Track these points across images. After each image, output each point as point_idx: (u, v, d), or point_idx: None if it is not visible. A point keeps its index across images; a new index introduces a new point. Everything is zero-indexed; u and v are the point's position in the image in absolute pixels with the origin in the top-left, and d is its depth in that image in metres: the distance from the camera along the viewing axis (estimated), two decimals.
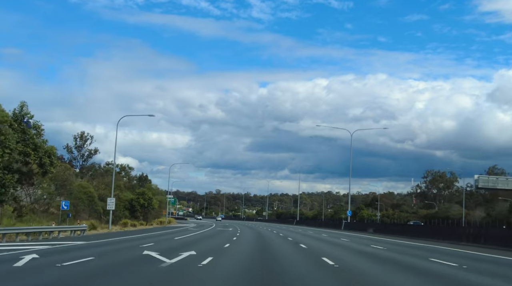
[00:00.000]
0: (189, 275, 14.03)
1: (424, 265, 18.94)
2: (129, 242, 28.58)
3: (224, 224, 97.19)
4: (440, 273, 16.14)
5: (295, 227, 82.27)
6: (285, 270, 15.39)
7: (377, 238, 45.15)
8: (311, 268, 16.39)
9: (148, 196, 63.22)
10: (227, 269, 15.44)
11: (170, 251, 21.52)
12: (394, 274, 15.60)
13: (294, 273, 14.80)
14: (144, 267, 15.06)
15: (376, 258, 21.83)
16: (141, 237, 34.95)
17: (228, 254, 21.43)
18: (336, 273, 15.17)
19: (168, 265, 15.95)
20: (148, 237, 35.86)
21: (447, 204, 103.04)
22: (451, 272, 16.45)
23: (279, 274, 14.61)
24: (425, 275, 15.47)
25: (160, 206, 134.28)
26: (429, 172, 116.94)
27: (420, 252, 26.95)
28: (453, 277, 15.26)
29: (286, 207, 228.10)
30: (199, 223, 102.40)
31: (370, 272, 15.71)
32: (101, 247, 24.25)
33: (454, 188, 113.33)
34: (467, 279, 14.90)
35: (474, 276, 15.71)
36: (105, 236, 35.52)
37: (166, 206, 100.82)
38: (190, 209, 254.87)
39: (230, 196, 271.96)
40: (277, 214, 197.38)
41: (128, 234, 39.91)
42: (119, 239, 32.01)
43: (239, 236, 41.40)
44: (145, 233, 43.34)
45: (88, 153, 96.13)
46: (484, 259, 23.41)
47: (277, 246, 28.56)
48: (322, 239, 40.71)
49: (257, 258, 19.64)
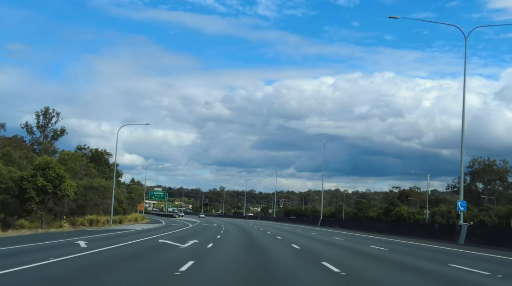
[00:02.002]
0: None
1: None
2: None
3: (208, 221, 73.83)
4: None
5: (337, 233, 46.65)
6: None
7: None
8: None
9: (53, 174, 37.35)
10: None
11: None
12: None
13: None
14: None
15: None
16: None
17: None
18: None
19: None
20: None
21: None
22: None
23: None
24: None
25: (134, 199, 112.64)
26: (475, 160, 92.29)
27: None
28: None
29: (294, 204, 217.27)
30: (178, 221, 78.96)
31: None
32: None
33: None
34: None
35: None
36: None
37: (148, 199, 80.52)
38: (190, 206, 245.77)
39: (234, 192, 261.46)
40: (285, 211, 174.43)
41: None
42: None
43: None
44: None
45: (53, 134, 76.03)
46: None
47: None
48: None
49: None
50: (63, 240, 26.17)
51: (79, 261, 15.82)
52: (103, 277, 12.28)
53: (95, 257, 17.11)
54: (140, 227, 51.05)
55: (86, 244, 22.65)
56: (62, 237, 28.48)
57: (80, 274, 12.78)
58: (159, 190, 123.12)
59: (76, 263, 15.16)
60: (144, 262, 15.61)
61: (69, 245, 22.63)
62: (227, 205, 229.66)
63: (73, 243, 23.84)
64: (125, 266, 14.53)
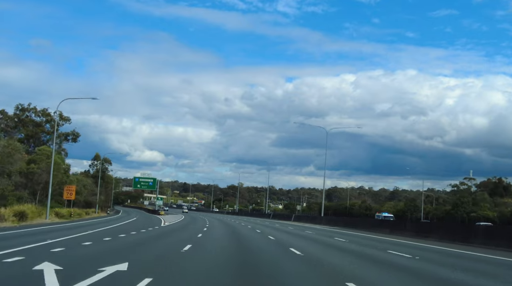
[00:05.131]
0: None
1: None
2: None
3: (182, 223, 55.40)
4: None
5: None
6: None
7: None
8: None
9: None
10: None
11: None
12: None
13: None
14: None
15: None
16: None
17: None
18: None
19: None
20: None
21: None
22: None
23: None
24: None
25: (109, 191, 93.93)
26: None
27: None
28: None
29: (318, 201, 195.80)
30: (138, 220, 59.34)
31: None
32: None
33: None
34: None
35: None
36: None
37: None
38: (202, 201, 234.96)
39: (253, 188, 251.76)
40: (318, 209, 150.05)
41: None
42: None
43: None
44: None
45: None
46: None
47: None
48: None
49: None
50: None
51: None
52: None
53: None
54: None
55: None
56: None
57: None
58: (146, 177, 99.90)
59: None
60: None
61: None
62: (245, 201, 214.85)
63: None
64: None
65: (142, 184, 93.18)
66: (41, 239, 20.03)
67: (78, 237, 22.36)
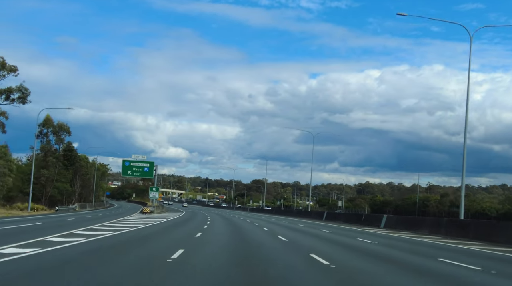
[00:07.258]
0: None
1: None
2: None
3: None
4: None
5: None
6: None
7: None
8: None
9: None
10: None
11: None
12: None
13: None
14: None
15: None
16: None
17: None
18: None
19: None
20: None
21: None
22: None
23: None
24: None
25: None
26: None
27: None
28: None
29: (349, 198, 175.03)
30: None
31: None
32: None
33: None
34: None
35: None
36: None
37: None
38: (224, 197, 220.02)
39: (279, 184, 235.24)
40: (373, 203, 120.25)
41: None
42: None
43: None
44: None
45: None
46: None
47: None
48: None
49: None
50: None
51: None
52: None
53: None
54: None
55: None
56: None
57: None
58: (140, 161, 66.30)
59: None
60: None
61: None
62: (271, 197, 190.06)
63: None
64: None
65: (135, 171, 64.49)
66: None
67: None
